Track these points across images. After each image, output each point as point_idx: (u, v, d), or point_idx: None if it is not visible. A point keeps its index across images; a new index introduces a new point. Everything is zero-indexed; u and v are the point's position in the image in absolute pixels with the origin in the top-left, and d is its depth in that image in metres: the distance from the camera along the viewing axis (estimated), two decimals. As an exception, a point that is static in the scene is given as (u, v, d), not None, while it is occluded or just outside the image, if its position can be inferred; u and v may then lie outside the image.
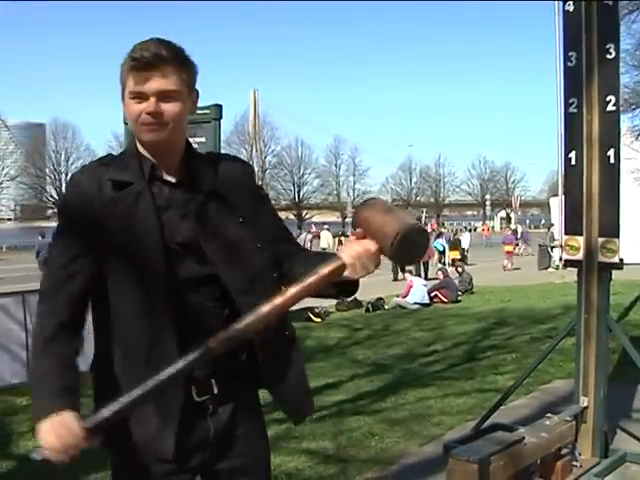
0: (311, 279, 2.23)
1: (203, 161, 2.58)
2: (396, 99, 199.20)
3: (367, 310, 18.20)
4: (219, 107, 14.05)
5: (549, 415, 5.57)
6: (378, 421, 7.28)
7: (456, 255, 34.85)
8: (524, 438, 4.88)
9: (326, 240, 48.34)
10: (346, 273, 2.25)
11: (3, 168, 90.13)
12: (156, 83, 2.38)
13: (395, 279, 26.95)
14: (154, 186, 2.48)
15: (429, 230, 50.64)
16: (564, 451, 5.45)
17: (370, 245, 2.23)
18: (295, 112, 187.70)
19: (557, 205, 24.06)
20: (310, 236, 41.15)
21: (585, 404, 5.72)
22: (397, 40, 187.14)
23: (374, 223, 2.23)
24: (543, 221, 72.41)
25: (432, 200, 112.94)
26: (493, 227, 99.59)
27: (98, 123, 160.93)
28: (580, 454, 5.62)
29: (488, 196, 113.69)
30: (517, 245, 39.37)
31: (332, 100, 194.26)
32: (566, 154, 5.73)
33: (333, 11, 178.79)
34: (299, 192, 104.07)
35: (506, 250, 35.83)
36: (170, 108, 2.41)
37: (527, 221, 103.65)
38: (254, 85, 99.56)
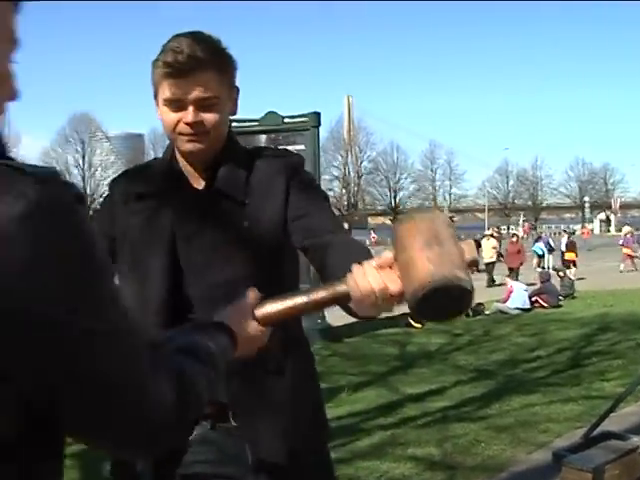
0: (299, 301, 1.69)
1: (239, 162, 2.36)
2: (491, 102, 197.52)
3: (467, 315, 18.02)
4: (317, 115, 14.23)
5: (663, 423, 5.49)
6: (483, 428, 7.26)
7: (572, 257, 33.70)
8: (639, 447, 4.82)
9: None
10: (351, 304, 1.66)
11: (105, 178, 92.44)
12: (195, 91, 2.20)
13: (489, 285, 26.63)
14: (180, 194, 2.34)
15: (522, 234, 49.68)
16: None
17: (393, 283, 1.53)
18: (390, 117, 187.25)
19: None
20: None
21: (701, 412, 5.62)
22: (490, 43, 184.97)
23: (406, 253, 1.50)
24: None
25: (529, 203, 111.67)
26: (592, 230, 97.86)
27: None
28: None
29: (587, 198, 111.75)
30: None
31: (427, 104, 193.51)
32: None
33: (425, 14, 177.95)
34: (395, 197, 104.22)
35: (625, 253, 34.93)
36: (210, 117, 2.24)
37: (628, 222, 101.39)
38: (348, 90, 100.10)
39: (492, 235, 32.65)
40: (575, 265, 32.15)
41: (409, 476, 5.98)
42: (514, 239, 29.93)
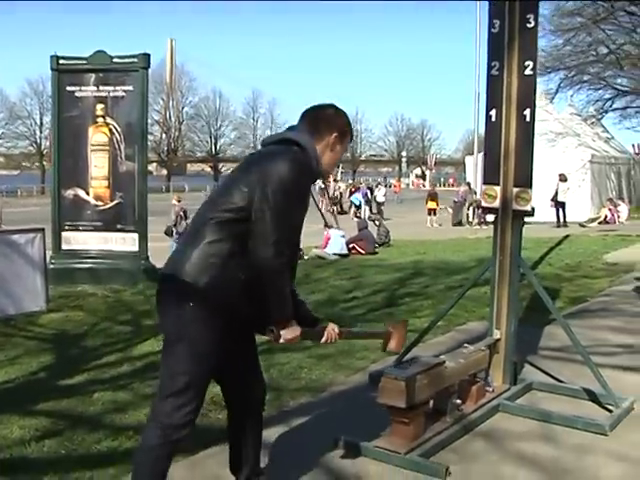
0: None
1: None
2: (315, 52, 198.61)
3: (286, 260, 18.64)
4: (147, 56, 14.22)
5: (466, 345, 6.18)
6: (306, 356, 7.75)
7: (433, 205, 34.66)
8: (445, 362, 5.47)
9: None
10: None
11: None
12: None
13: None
14: None
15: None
16: (478, 377, 6.08)
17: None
18: (213, 63, 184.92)
19: (472, 163, 24.90)
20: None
21: (498, 336, 6.34)
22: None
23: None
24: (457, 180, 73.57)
25: (348, 155, 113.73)
26: (408, 184, 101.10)
27: (10, 68, 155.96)
28: (492, 381, 6.26)
29: (404, 153, 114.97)
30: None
31: (250, 52, 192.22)
32: (487, 112, 6.27)
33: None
34: (216, 144, 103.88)
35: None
36: None
37: (441, 179, 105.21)
38: (171, 34, 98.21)
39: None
40: (435, 213, 34.18)
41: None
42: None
